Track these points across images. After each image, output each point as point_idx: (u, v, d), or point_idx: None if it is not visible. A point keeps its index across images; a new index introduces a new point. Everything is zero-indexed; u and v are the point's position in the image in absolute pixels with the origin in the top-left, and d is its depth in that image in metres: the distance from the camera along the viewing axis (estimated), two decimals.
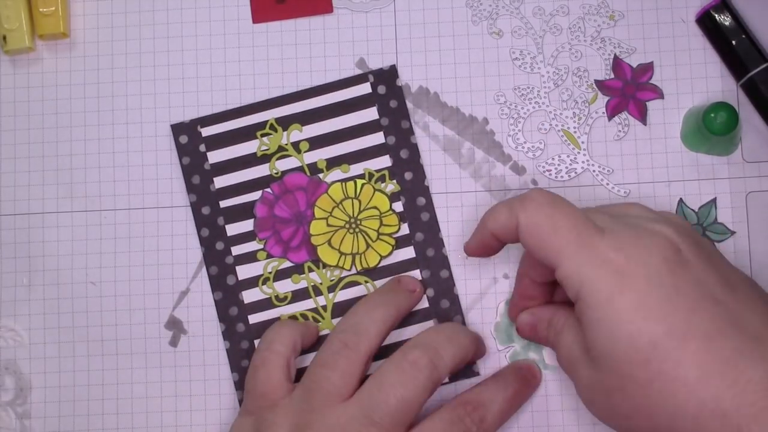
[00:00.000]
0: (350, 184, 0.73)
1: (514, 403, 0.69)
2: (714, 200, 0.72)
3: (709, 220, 0.72)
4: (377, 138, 0.73)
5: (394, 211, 0.73)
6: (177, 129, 0.74)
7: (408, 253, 0.73)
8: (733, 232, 0.72)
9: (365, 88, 0.74)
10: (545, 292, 0.69)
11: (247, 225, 0.73)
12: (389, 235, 0.72)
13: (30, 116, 0.75)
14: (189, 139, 0.74)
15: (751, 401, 0.55)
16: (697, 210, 0.72)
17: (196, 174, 0.74)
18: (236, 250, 0.73)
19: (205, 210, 0.73)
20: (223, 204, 0.73)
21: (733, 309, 0.58)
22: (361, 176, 0.73)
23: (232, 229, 0.73)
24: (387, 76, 0.74)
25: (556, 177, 0.73)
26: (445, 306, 0.72)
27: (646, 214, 0.64)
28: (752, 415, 0.54)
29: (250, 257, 0.73)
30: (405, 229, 0.73)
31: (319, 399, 0.65)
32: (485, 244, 0.66)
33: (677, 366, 0.56)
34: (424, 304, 0.72)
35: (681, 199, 0.72)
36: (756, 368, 0.56)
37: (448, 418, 0.65)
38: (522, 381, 0.70)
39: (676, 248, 0.60)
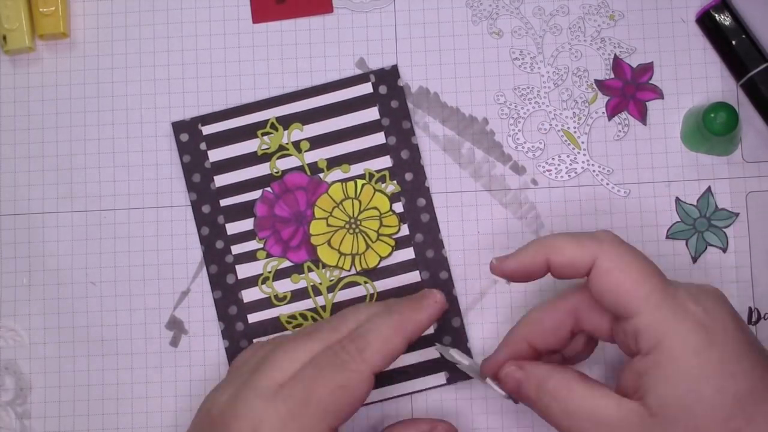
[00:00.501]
0: (350, 184, 0.73)
1: (401, 329, 0.65)
2: (709, 189, 0.73)
3: (710, 210, 0.72)
4: (378, 138, 0.73)
5: (394, 211, 0.73)
6: (178, 127, 0.74)
7: (408, 254, 0.73)
8: (737, 214, 0.73)
9: (366, 88, 0.74)
10: (537, 359, 0.66)
11: (247, 224, 0.73)
12: (389, 236, 0.72)
13: (30, 116, 0.75)
14: (190, 137, 0.74)
15: None
16: (696, 203, 0.72)
17: (197, 172, 0.74)
18: (236, 249, 0.73)
19: (206, 208, 0.74)
20: (224, 203, 0.74)
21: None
22: (362, 176, 0.73)
23: (232, 227, 0.73)
24: (388, 76, 0.74)
25: (556, 177, 0.73)
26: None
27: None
28: None
29: (249, 256, 0.73)
30: (405, 230, 0.73)
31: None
32: (530, 271, 0.63)
33: (760, 423, 0.56)
34: None
35: (677, 198, 0.72)
36: None
37: (330, 353, 0.63)
38: (410, 307, 0.66)
39: (734, 316, 0.59)
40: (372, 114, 0.73)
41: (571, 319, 0.64)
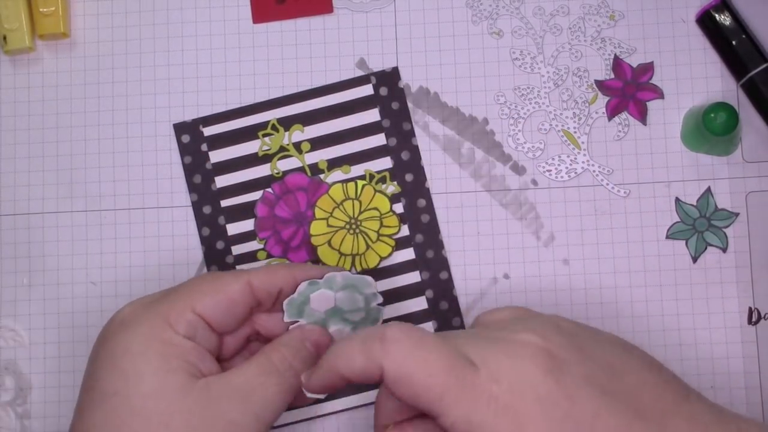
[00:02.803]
0: (351, 185, 0.73)
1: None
2: (708, 189, 0.73)
3: (710, 210, 0.72)
4: (379, 139, 0.73)
5: (394, 212, 0.73)
6: (179, 128, 0.74)
7: (408, 254, 0.73)
8: (737, 214, 0.73)
9: (367, 90, 0.74)
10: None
11: (247, 225, 0.73)
12: (389, 236, 0.72)
13: (30, 116, 0.75)
14: (191, 138, 0.74)
15: None
16: (695, 203, 0.72)
17: (198, 173, 0.74)
18: (236, 249, 0.73)
19: (206, 209, 0.74)
20: (224, 203, 0.74)
21: (630, 394, 0.56)
22: (362, 177, 0.73)
23: (233, 228, 0.73)
24: (389, 77, 0.74)
25: (556, 177, 0.73)
26: (444, 308, 0.72)
27: (506, 319, 0.60)
28: None
29: (250, 257, 0.73)
30: (405, 231, 0.73)
31: None
32: (332, 386, 0.59)
33: None
34: (423, 305, 0.72)
35: (677, 198, 0.72)
36: None
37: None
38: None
39: (549, 353, 0.55)
40: (373, 115, 0.74)
41: None
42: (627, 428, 0.54)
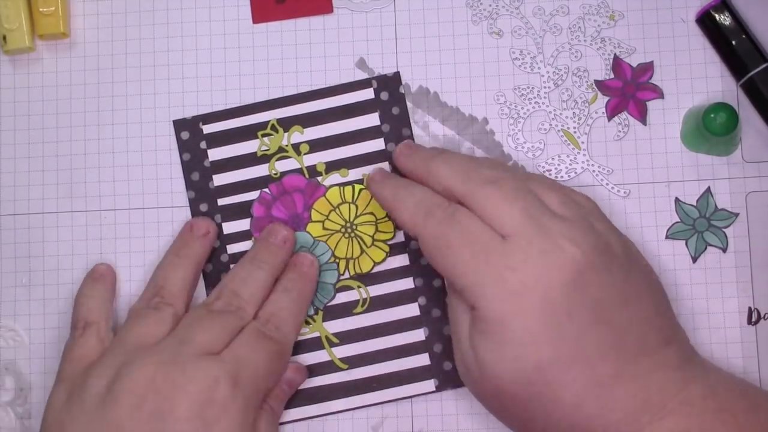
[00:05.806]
0: (348, 188, 0.73)
1: (301, 301, 0.70)
2: (708, 189, 0.72)
3: (710, 210, 0.72)
4: (377, 144, 0.73)
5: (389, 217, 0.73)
6: (179, 125, 0.74)
7: (402, 260, 0.72)
8: (737, 214, 0.72)
9: (368, 94, 0.74)
10: None
11: (243, 224, 0.73)
12: (384, 241, 0.72)
13: (30, 116, 0.75)
14: (190, 135, 0.74)
15: (616, 419, 0.59)
16: (695, 204, 0.72)
17: (196, 171, 0.74)
18: (232, 248, 0.73)
19: (203, 207, 0.74)
20: (221, 202, 0.74)
21: (621, 328, 0.61)
22: (360, 181, 0.73)
23: (229, 227, 0.73)
24: (390, 82, 0.74)
25: (556, 177, 0.73)
26: (437, 315, 0.72)
27: (569, 212, 0.64)
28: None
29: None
30: (400, 236, 0.73)
31: (132, 345, 0.66)
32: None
33: (556, 389, 0.59)
34: (416, 312, 0.72)
35: (677, 198, 0.72)
36: (626, 388, 0.60)
37: (254, 336, 0.67)
38: (300, 277, 0.71)
39: (579, 270, 0.60)
40: (372, 120, 0.73)
41: None
42: (600, 359, 0.59)
